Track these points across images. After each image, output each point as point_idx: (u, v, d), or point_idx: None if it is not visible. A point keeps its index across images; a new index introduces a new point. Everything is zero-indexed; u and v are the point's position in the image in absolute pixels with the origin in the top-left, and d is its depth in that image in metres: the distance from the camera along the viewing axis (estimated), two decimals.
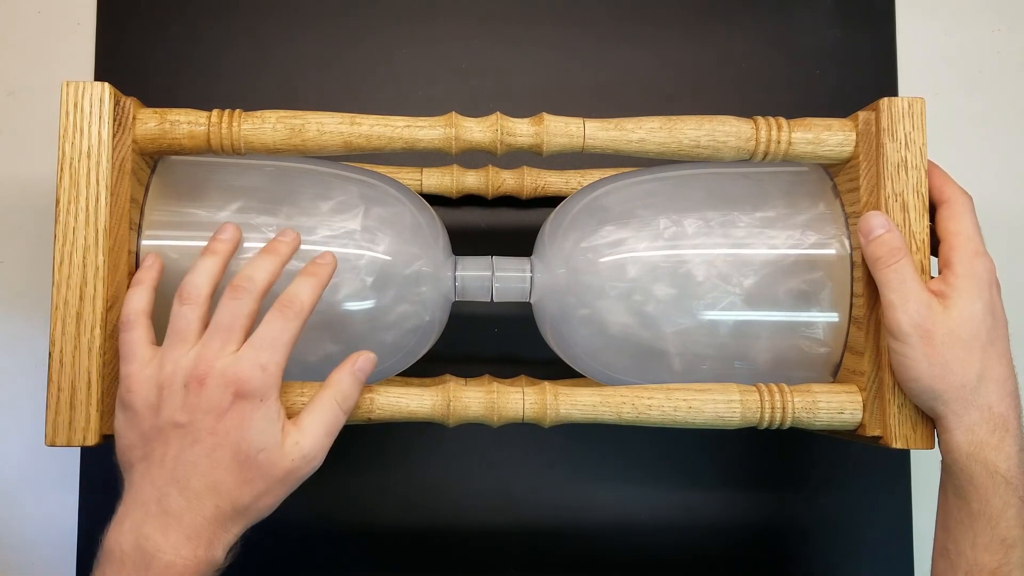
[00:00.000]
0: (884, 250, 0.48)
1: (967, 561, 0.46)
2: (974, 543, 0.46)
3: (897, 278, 0.47)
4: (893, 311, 0.47)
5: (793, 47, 0.70)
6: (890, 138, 0.50)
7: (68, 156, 0.47)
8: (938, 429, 0.48)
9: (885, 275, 0.47)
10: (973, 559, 0.46)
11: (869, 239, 0.48)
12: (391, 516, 0.66)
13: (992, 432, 0.46)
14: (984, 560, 0.46)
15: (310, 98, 0.67)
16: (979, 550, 0.46)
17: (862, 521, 0.67)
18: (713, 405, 0.50)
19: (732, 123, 0.51)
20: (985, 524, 0.46)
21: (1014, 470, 0.46)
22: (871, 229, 0.48)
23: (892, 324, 0.47)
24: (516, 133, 0.51)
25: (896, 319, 0.47)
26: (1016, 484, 0.46)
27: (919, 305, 0.47)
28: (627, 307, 0.52)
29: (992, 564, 0.46)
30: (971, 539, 0.46)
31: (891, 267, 0.47)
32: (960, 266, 0.48)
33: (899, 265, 0.47)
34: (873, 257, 0.48)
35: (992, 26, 0.71)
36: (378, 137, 0.50)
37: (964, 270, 0.47)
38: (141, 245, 0.50)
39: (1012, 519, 0.45)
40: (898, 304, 0.47)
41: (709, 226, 0.52)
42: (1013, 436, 0.46)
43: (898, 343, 0.47)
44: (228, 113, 0.50)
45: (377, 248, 0.52)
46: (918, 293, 0.47)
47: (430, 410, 0.50)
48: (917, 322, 0.46)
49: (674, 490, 0.67)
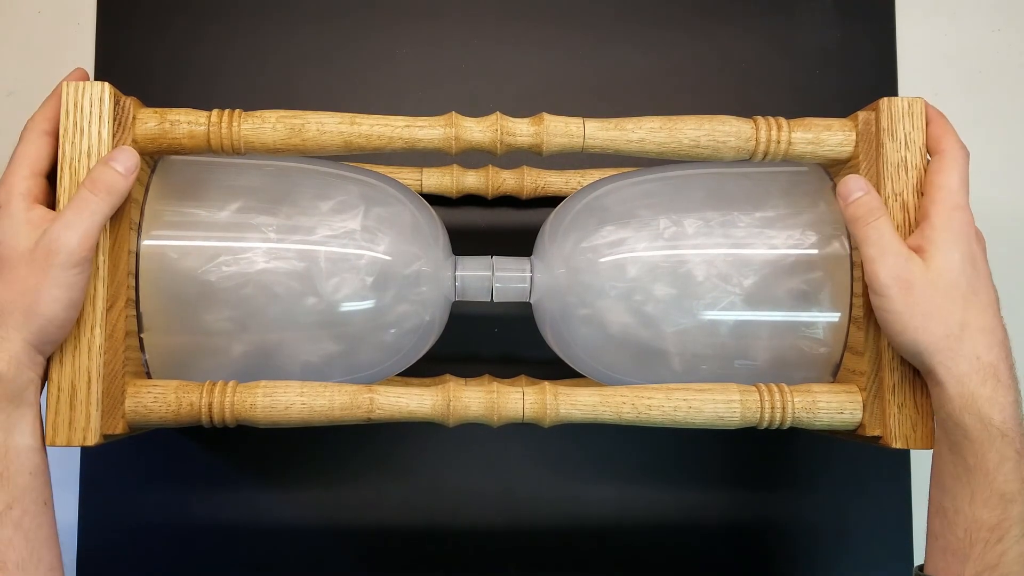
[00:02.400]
0: (863, 210, 0.48)
1: (965, 518, 0.45)
2: (972, 499, 0.45)
3: (875, 234, 0.48)
4: (872, 265, 0.47)
5: (793, 47, 0.70)
6: (890, 138, 0.50)
7: (68, 156, 0.47)
8: (929, 385, 0.48)
9: (864, 232, 0.48)
10: (971, 516, 0.45)
11: (848, 201, 0.49)
12: (391, 516, 0.66)
13: (983, 383, 0.45)
14: (983, 516, 0.45)
15: (310, 98, 0.67)
16: (977, 506, 0.45)
17: (862, 521, 0.67)
18: (713, 405, 0.50)
19: (732, 123, 0.51)
20: (982, 479, 0.45)
21: (1009, 422, 0.45)
22: (850, 192, 0.49)
23: (872, 278, 0.47)
24: (516, 133, 0.51)
25: (875, 272, 0.47)
26: (1012, 436, 0.45)
27: (897, 257, 0.47)
28: (627, 307, 0.52)
29: (991, 520, 0.44)
30: (968, 495, 0.45)
31: (870, 224, 0.48)
32: (937, 219, 0.48)
33: (877, 222, 0.48)
34: (852, 217, 0.49)
35: (992, 26, 0.71)
36: (378, 137, 0.50)
37: (941, 222, 0.48)
38: (141, 245, 0.50)
39: (1010, 472, 0.45)
40: (877, 258, 0.47)
41: (709, 226, 0.52)
42: (1005, 387, 0.46)
43: (880, 298, 0.47)
44: (228, 113, 0.50)
45: (377, 248, 0.52)
46: (896, 246, 0.47)
47: (430, 410, 0.50)
48: (896, 274, 0.47)
49: (674, 490, 0.67)
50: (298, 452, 0.66)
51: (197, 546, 0.65)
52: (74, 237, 0.45)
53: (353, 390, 0.50)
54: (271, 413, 0.49)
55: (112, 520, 0.65)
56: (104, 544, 0.65)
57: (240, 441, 0.66)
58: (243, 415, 0.49)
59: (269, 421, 0.49)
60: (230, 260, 0.50)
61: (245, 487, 0.66)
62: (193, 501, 0.66)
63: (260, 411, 0.49)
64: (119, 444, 0.59)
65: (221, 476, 0.66)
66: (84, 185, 0.46)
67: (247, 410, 0.49)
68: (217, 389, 0.49)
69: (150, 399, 0.49)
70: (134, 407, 0.49)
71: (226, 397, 0.49)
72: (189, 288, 0.50)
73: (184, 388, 0.49)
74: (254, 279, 0.50)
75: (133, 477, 0.65)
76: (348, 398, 0.49)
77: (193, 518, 0.65)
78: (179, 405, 0.49)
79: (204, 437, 0.66)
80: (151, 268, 0.50)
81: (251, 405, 0.49)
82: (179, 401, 0.49)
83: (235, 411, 0.49)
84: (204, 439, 0.66)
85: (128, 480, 0.65)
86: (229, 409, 0.49)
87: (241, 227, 0.51)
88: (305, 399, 0.49)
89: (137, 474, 0.65)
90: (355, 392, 0.49)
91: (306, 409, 0.49)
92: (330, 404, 0.49)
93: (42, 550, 0.45)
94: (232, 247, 0.51)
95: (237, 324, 0.51)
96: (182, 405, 0.49)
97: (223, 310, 0.51)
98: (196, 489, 0.66)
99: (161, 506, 0.65)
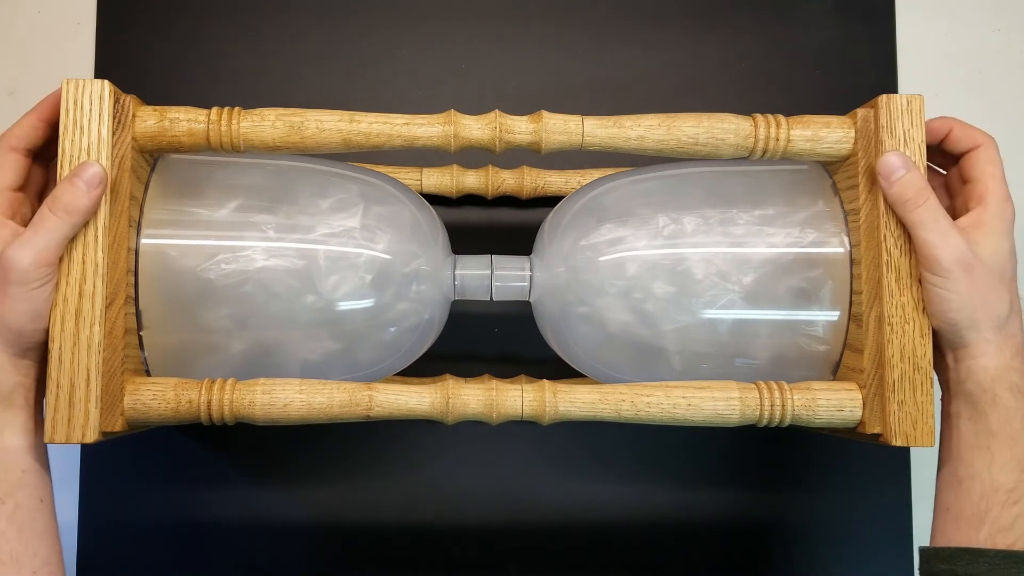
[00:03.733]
0: (912, 190, 0.49)
1: (982, 484, 0.47)
2: (991, 464, 0.47)
3: (931, 216, 0.48)
4: (933, 249, 0.48)
5: (793, 47, 0.70)
6: (889, 135, 0.50)
7: (68, 153, 0.47)
8: (959, 356, 0.49)
9: (918, 215, 0.48)
10: (989, 480, 0.47)
11: (892, 180, 0.49)
12: (391, 515, 0.66)
13: (1015, 356, 0.48)
14: (1001, 479, 0.47)
15: (310, 98, 0.67)
16: (996, 470, 0.47)
17: (862, 520, 0.67)
18: (712, 403, 0.50)
19: (731, 120, 0.51)
20: (1004, 442, 0.47)
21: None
22: (892, 170, 0.49)
23: (932, 261, 0.48)
24: (515, 131, 0.51)
25: (936, 256, 0.48)
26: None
27: (959, 241, 0.48)
28: (626, 305, 0.52)
29: (1009, 483, 0.47)
30: (988, 461, 0.47)
31: (921, 207, 0.48)
32: (994, 206, 0.50)
33: (929, 204, 0.48)
34: (901, 198, 0.49)
35: (992, 26, 0.71)
36: (377, 135, 0.50)
37: (997, 210, 0.49)
38: (140, 242, 0.50)
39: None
40: (938, 242, 0.48)
41: (708, 224, 0.52)
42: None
43: (939, 279, 0.48)
44: (228, 111, 0.50)
45: (376, 246, 0.52)
46: (953, 229, 0.48)
47: (429, 407, 0.50)
48: (958, 257, 0.48)
49: (674, 489, 0.67)
50: (298, 450, 0.66)
51: (197, 545, 0.65)
52: (27, 256, 0.45)
53: (352, 387, 0.49)
54: (270, 411, 0.49)
55: (112, 519, 0.65)
56: (104, 544, 0.65)
57: (240, 439, 0.66)
58: (242, 413, 0.49)
59: (268, 419, 0.49)
60: (229, 258, 0.50)
61: (244, 486, 0.66)
62: (193, 500, 0.66)
63: (259, 409, 0.49)
64: (119, 443, 0.59)
65: (221, 475, 0.66)
66: (46, 203, 0.46)
67: (246, 408, 0.49)
68: (216, 387, 0.49)
69: (149, 396, 0.49)
70: (133, 404, 0.49)
71: (225, 395, 0.49)
72: (188, 286, 0.50)
73: (183, 386, 0.49)
74: (253, 277, 0.50)
75: (133, 476, 0.65)
76: (347, 396, 0.49)
77: (193, 517, 0.65)
78: (178, 403, 0.49)
79: (204, 436, 0.66)
80: (150, 266, 0.50)
81: (250, 403, 0.49)
82: (178, 399, 0.49)
83: (234, 409, 0.49)
84: (204, 438, 0.66)
85: (128, 479, 0.65)
86: (228, 407, 0.49)
87: (240, 225, 0.51)
88: (304, 396, 0.49)
89: (137, 473, 0.65)
90: (354, 390, 0.49)
91: (305, 407, 0.49)
92: (329, 402, 0.49)
93: (37, 543, 0.47)
94: (231, 245, 0.51)
95: (236, 322, 0.51)
96: (181, 403, 0.49)
97: (222, 308, 0.51)
98: (196, 488, 0.66)
99: (161, 505, 0.65)
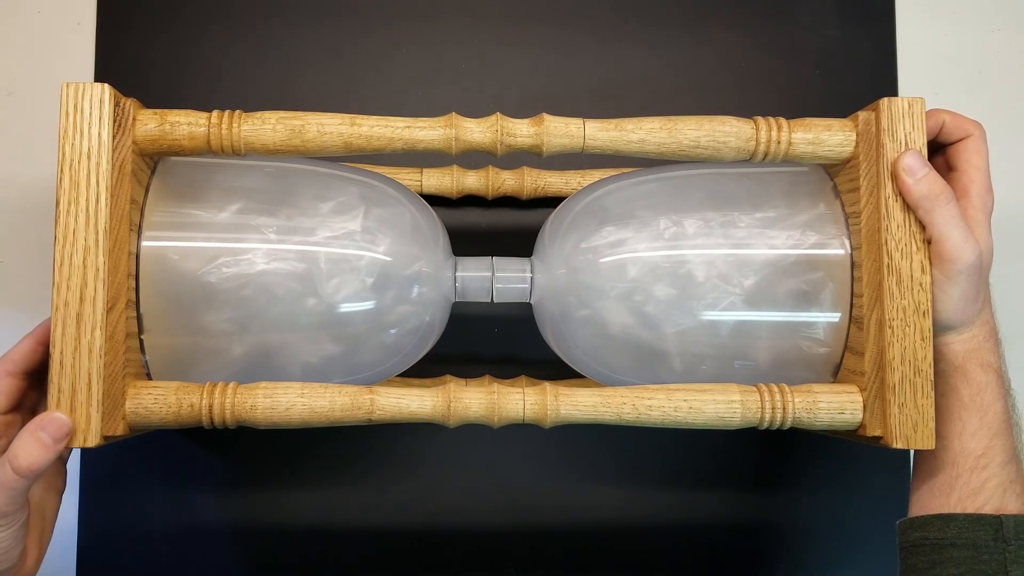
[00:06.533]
0: (937, 188, 0.49)
1: (953, 451, 0.50)
2: (962, 433, 0.50)
3: (955, 215, 0.49)
4: (957, 249, 0.48)
5: (793, 47, 0.70)
6: (890, 138, 0.50)
7: (68, 157, 0.47)
8: (939, 338, 0.51)
9: (942, 214, 0.49)
10: (960, 448, 0.50)
11: (917, 178, 0.49)
12: (392, 517, 0.66)
13: (987, 338, 0.51)
14: (971, 446, 0.50)
15: (310, 99, 0.67)
16: (966, 438, 0.50)
17: (862, 521, 0.67)
18: (713, 405, 0.50)
19: (732, 123, 0.51)
20: (975, 412, 0.50)
21: (1002, 369, 0.52)
22: (914, 169, 0.49)
23: (955, 260, 0.48)
24: (516, 134, 0.50)
25: (959, 256, 0.48)
26: (1003, 381, 0.51)
27: (974, 241, 0.49)
28: (627, 307, 0.52)
29: (978, 450, 0.50)
30: (959, 430, 0.50)
31: (945, 206, 0.49)
32: (976, 199, 0.51)
33: (951, 203, 0.49)
34: (930, 195, 0.49)
35: (992, 26, 0.71)
36: (378, 138, 0.50)
37: (979, 203, 0.51)
38: (141, 246, 0.50)
39: (999, 413, 0.50)
40: (962, 242, 0.49)
41: (709, 226, 0.52)
42: (998, 342, 0.52)
43: (944, 279, 0.49)
44: (228, 114, 0.50)
45: (377, 249, 0.52)
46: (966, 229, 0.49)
47: (430, 411, 0.50)
48: (973, 260, 0.49)
49: (674, 490, 0.67)
50: (298, 453, 0.66)
51: (197, 546, 0.65)
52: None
53: (354, 391, 0.50)
54: (271, 414, 0.49)
55: (112, 520, 0.65)
56: (104, 544, 0.65)
57: (240, 442, 0.66)
58: (243, 416, 0.49)
59: (269, 422, 0.49)
60: (230, 261, 0.50)
61: (245, 488, 0.66)
62: (193, 501, 0.66)
63: (260, 412, 0.49)
64: (119, 445, 0.59)
65: (221, 477, 0.66)
66: (6, 455, 0.45)
67: (247, 411, 0.49)
68: (217, 390, 0.49)
69: (150, 400, 0.49)
70: (134, 408, 0.49)
71: (226, 398, 0.49)
72: (189, 289, 0.50)
73: (184, 389, 0.49)
74: (254, 280, 0.50)
75: (133, 478, 0.65)
76: (349, 399, 0.49)
77: (193, 518, 0.65)
78: (179, 406, 0.49)
79: (204, 438, 0.66)
80: (151, 270, 0.50)
81: (251, 406, 0.49)
82: (179, 402, 0.49)
83: (235, 412, 0.49)
84: (204, 440, 0.66)
85: (128, 480, 0.65)
86: (230, 410, 0.49)
87: (241, 228, 0.51)
88: (306, 400, 0.49)
89: (137, 475, 0.65)
90: (356, 393, 0.49)
91: (306, 410, 0.49)
92: (331, 405, 0.49)
93: None
94: (232, 248, 0.51)
95: (237, 325, 0.51)
96: (182, 406, 0.49)
97: (223, 311, 0.51)
98: (196, 489, 0.66)
99: (161, 506, 0.65)
